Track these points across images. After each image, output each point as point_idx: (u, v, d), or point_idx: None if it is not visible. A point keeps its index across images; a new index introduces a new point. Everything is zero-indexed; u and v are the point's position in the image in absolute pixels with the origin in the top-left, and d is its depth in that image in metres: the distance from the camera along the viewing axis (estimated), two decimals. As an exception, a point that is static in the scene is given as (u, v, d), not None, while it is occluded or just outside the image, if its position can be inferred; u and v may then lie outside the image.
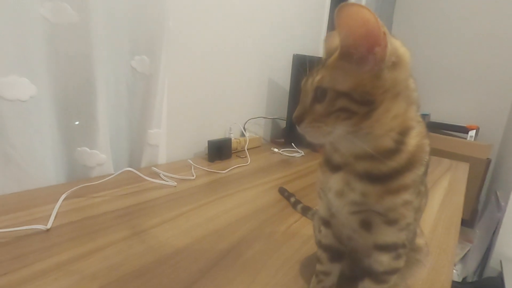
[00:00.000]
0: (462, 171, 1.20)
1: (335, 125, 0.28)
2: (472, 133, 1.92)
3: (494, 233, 1.39)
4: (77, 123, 0.73)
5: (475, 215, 1.91)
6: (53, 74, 0.68)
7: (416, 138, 0.29)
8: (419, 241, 0.39)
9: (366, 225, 0.32)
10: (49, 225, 0.52)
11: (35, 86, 0.64)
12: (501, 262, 1.28)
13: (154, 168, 0.83)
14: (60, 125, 0.71)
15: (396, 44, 0.27)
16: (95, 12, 0.68)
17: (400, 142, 0.28)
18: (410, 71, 0.28)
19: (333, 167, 0.32)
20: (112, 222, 0.56)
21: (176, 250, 0.49)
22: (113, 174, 0.74)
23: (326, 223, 0.36)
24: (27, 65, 0.62)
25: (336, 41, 0.30)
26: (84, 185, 0.68)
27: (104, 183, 0.70)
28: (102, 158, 0.77)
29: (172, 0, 0.82)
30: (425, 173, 0.30)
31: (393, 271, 0.32)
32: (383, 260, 0.32)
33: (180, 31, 0.91)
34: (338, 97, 0.27)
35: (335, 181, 0.31)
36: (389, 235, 0.31)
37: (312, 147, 1.29)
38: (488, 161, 1.81)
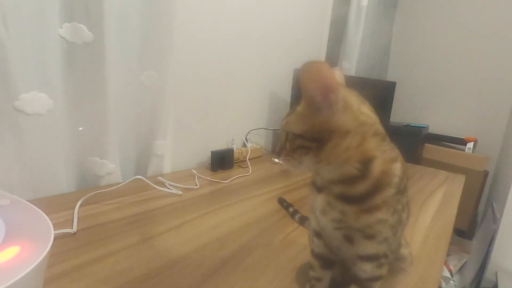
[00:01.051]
0: (457, 183, 1.24)
1: (300, 158, 0.34)
2: (470, 145, 1.95)
3: (490, 244, 1.41)
4: (80, 129, 0.77)
5: (473, 226, 1.93)
6: (69, 89, 0.73)
7: (380, 166, 0.33)
8: (404, 251, 0.43)
9: (349, 239, 0.36)
10: (74, 229, 0.57)
11: (52, 100, 0.69)
12: (496, 273, 1.30)
13: (160, 178, 0.87)
14: (73, 136, 0.76)
15: (345, 92, 0.33)
16: (108, 32, 0.73)
17: (363, 170, 0.33)
18: (359, 114, 0.33)
19: (317, 188, 0.37)
20: (122, 228, 0.61)
21: (182, 256, 0.53)
22: (121, 182, 0.78)
23: (318, 234, 0.41)
24: (46, 82, 0.67)
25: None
26: (97, 192, 0.72)
27: (114, 191, 0.75)
28: (112, 167, 0.82)
29: (180, 18, 0.87)
30: (400, 192, 0.34)
31: (376, 278, 0.36)
32: (367, 269, 0.36)
33: (186, 46, 0.97)
34: (295, 138, 0.34)
35: (319, 201, 0.36)
36: (369, 248, 0.35)
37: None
38: (486, 173, 1.84)
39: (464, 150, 1.93)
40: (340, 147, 0.33)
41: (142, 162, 0.93)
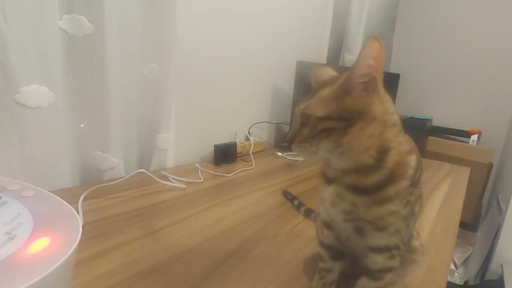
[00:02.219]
0: (462, 175, 1.23)
1: (319, 144, 0.32)
2: (474, 137, 1.94)
3: (495, 236, 1.41)
4: (82, 125, 0.76)
5: (477, 219, 1.92)
6: (70, 83, 0.72)
7: (395, 156, 0.32)
8: (415, 242, 0.42)
9: (359, 231, 0.35)
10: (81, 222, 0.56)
11: (53, 94, 0.68)
12: (502, 265, 1.29)
13: (163, 172, 0.87)
14: (75, 130, 0.75)
15: None
16: (109, 23, 0.72)
17: (379, 160, 0.32)
18: (385, 100, 0.32)
19: (328, 179, 0.36)
20: (126, 222, 0.60)
21: (187, 249, 0.53)
22: (124, 176, 0.78)
23: (328, 225, 0.40)
24: (46, 75, 0.66)
25: (324, 75, 0.36)
26: (100, 186, 0.71)
27: (117, 185, 0.74)
28: (114, 161, 0.81)
29: (181, 10, 0.86)
30: (414, 184, 0.33)
31: (388, 270, 0.36)
32: (378, 260, 0.35)
33: (187, 39, 0.95)
34: (319, 122, 0.32)
35: (329, 192, 0.35)
36: (380, 239, 0.34)
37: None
38: (490, 166, 1.83)
39: (468, 143, 1.92)
40: (365, 132, 0.31)
41: (145, 156, 0.93)
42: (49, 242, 0.28)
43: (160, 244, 0.54)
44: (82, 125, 0.76)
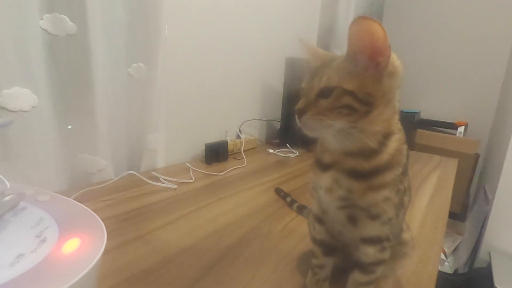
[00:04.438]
0: (451, 167, 1.25)
1: (336, 119, 0.31)
2: (461, 129, 1.98)
3: (483, 225, 1.44)
4: (69, 127, 0.75)
5: (465, 209, 1.97)
6: (54, 84, 0.70)
7: (396, 142, 0.33)
8: (405, 235, 0.42)
9: (352, 220, 0.35)
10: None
11: (36, 96, 0.66)
12: (489, 253, 1.33)
13: (154, 173, 0.86)
14: (61, 133, 0.73)
15: (393, 57, 0.31)
16: (93, 22, 0.70)
17: (382, 144, 0.32)
18: (400, 83, 0.32)
19: (323, 166, 0.35)
20: (116, 225, 0.59)
21: (180, 250, 0.52)
22: (114, 179, 0.76)
23: (319, 220, 0.40)
24: (28, 76, 0.64)
25: (317, 49, 0.36)
26: (88, 189, 0.70)
27: (107, 188, 0.73)
28: (103, 164, 0.80)
29: (167, 7, 0.84)
30: (404, 173, 0.34)
31: (379, 263, 0.36)
32: (370, 253, 0.35)
33: (175, 38, 0.94)
34: (344, 95, 0.30)
35: (325, 179, 0.35)
36: (372, 228, 0.34)
37: (306, 147, 1.33)
38: (477, 156, 1.87)
39: (455, 134, 1.96)
40: (381, 117, 0.31)
41: (134, 158, 0.91)
42: (79, 242, 0.30)
43: (152, 246, 0.53)
44: (69, 127, 0.74)
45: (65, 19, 0.68)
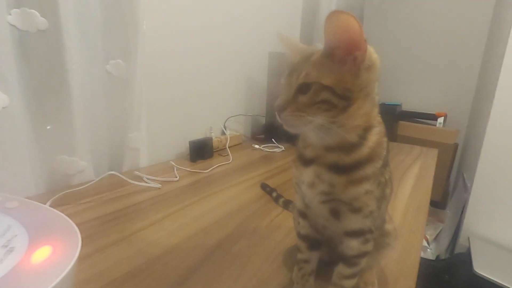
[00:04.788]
0: (431, 157, 1.29)
1: (315, 115, 0.31)
2: (440, 120, 2.04)
3: (462, 212, 1.50)
4: (48, 127, 0.72)
5: (446, 196, 2.04)
6: (26, 83, 0.67)
7: (376, 135, 0.33)
8: (388, 226, 0.43)
9: (335, 214, 0.35)
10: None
11: (7, 96, 0.63)
12: (469, 238, 1.38)
13: (137, 172, 0.84)
14: (36, 134, 0.70)
15: (371, 50, 0.31)
16: (65, 17, 0.67)
17: (362, 137, 0.32)
18: (378, 76, 0.32)
19: (305, 161, 0.35)
20: (99, 228, 0.57)
21: (166, 251, 0.51)
22: (94, 180, 0.74)
23: (303, 214, 0.40)
24: (-3, 75, 0.61)
25: (296, 43, 0.36)
26: (67, 191, 0.68)
27: (87, 189, 0.70)
28: (82, 165, 0.77)
29: (145, 2, 0.82)
30: (384, 166, 0.34)
31: (363, 255, 0.36)
32: (353, 245, 0.36)
33: (155, 32, 0.91)
34: (322, 90, 0.30)
35: (307, 174, 0.35)
36: (355, 222, 0.35)
37: (291, 142, 1.33)
38: (456, 146, 1.94)
39: (435, 125, 2.01)
40: (360, 111, 0.31)
41: (116, 157, 0.89)
42: (51, 250, 0.28)
43: (136, 248, 0.52)
44: (48, 127, 0.71)
45: (35, 14, 0.64)
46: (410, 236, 0.61)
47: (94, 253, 0.50)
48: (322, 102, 0.30)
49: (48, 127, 0.71)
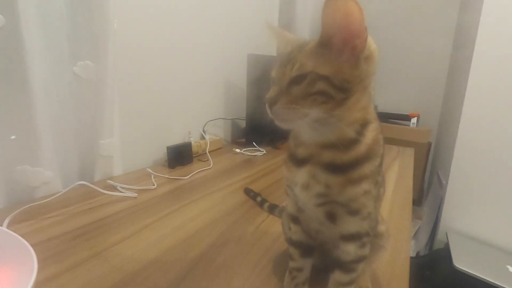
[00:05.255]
0: (408, 156, 1.32)
1: (311, 108, 0.28)
2: (414, 120, 2.11)
3: (439, 209, 1.54)
4: (13, 137, 0.65)
5: (422, 194, 2.11)
6: (-20, 86, 0.60)
7: (373, 132, 0.31)
8: (381, 227, 0.41)
9: (331, 217, 0.33)
10: None
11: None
12: (446, 234, 1.42)
13: (110, 181, 0.78)
14: (-8, 143, 0.63)
15: (369, 40, 0.29)
16: (24, 13, 0.61)
17: (360, 133, 0.30)
18: (376, 68, 0.30)
19: (298, 161, 0.33)
20: (66, 244, 0.51)
21: (143, 266, 0.47)
22: (61, 191, 0.68)
23: (295, 219, 0.37)
24: None
25: (287, 33, 0.34)
26: (30, 205, 0.61)
27: (54, 202, 0.64)
28: (48, 175, 0.70)
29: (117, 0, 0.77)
30: (380, 164, 0.32)
31: (360, 259, 0.34)
32: (350, 250, 0.33)
33: (128, 32, 0.86)
34: (318, 80, 0.28)
35: (301, 175, 0.32)
36: (352, 225, 0.33)
37: (273, 145, 1.31)
38: (429, 144, 2.01)
39: (409, 125, 2.08)
40: (358, 105, 0.29)
41: (87, 166, 0.82)
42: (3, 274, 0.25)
43: (110, 264, 0.47)
44: (12, 137, 0.64)
45: (-10, 10, 0.58)
46: (398, 235, 0.60)
47: (61, 274, 0.44)
48: (318, 94, 0.28)
49: (13, 137, 0.64)
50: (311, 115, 0.29)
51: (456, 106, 1.55)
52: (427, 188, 2.14)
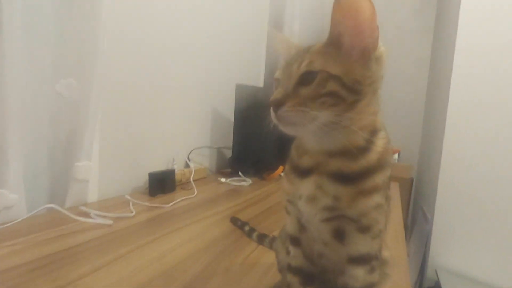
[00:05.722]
0: (394, 189, 1.32)
1: (320, 110, 0.26)
2: (395, 156, 2.16)
3: (426, 245, 1.52)
4: None
5: (406, 230, 2.09)
6: None
7: (383, 140, 0.29)
8: (385, 253, 0.38)
9: (339, 235, 0.30)
10: None
11: None
12: (436, 271, 1.38)
13: (83, 207, 0.71)
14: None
15: (380, 41, 0.28)
16: (8, 27, 0.58)
17: (369, 141, 0.28)
18: (384, 71, 0.29)
19: (302, 172, 0.30)
20: (25, 277, 0.44)
21: (114, 302, 0.40)
22: (24, 217, 0.60)
23: (295, 241, 0.33)
24: None
25: (289, 39, 0.31)
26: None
27: (15, 228, 0.56)
28: (12, 198, 0.63)
29: (107, 19, 0.76)
30: (390, 176, 0.30)
31: (370, 287, 0.30)
32: (359, 275, 0.30)
33: (114, 53, 0.85)
34: (329, 80, 0.26)
35: (306, 186, 0.29)
36: (362, 244, 0.29)
37: (259, 175, 1.28)
38: (412, 180, 2.04)
39: (391, 161, 2.13)
40: (369, 109, 0.27)
41: (58, 190, 0.75)
42: None
43: (74, 301, 0.40)
44: None
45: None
46: (397, 267, 0.56)
47: (12, 312, 0.37)
48: (329, 95, 0.26)
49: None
50: (320, 119, 0.26)
51: (436, 141, 1.60)
52: (411, 225, 2.13)
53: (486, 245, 1.35)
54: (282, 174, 1.38)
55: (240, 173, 1.22)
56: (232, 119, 1.29)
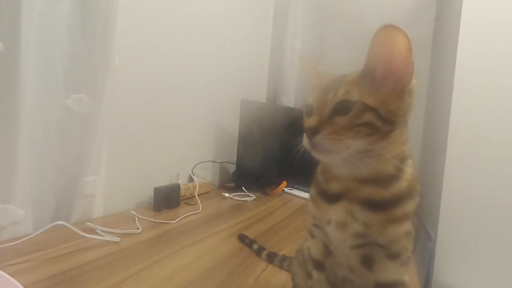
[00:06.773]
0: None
1: (355, 139, 0.27)
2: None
3: (429, 264, 1.50)
4: None
5: (408, 248, 2.07)
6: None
7: (411, 167, 0.30)
8: (406, 277, 0.38)
9: (367, 262, 0.30)
10: None
11: None
12: (441, 291, 1.36)
13: (89, 223, 0.70)
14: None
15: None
16: (26, 43, 0.60)
17: (399, 169, 0.29)
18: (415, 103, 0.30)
19: (331, 197, 0.30)
20: (33, 298, 0.43)
21: (128, 326, 0.39)
22: (32, 234, 0.59)
23: (319, 265, 0.33)
24: None
25: (318, 67, 0.32)
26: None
27: (22, 246, 0.55)
28: (19, 214, 0.62)
29: (120, 38, 0.77)
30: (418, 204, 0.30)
31: (395, 316, 0.30)
32: None
33: (126, 71, 0.86)
34: (365, 111, 0.27)
35: (336, 212, 0.29)
36: (391, 271, 0.29)
37: (262, 190, 1.27)
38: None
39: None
40: (402, 137, 0.28)
41: (64, 205, 0.74)
42: None
43: (86, 323, 0.39)
44: None
45: (-11, 35, 0.56)
46: (409, 290, 0.56)
47: (23, 336, 0.35)
48: (364, 125, 0.27)
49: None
50: (354, 147, 0.27)
51: (438, 152, 1.59)
52: (413, 243, 2.11)
53: (495, 264, 1.31)
54: (285, 189, 1.37)
55: (243, 188, 1.22)
56: (237, 134, 1.29)
